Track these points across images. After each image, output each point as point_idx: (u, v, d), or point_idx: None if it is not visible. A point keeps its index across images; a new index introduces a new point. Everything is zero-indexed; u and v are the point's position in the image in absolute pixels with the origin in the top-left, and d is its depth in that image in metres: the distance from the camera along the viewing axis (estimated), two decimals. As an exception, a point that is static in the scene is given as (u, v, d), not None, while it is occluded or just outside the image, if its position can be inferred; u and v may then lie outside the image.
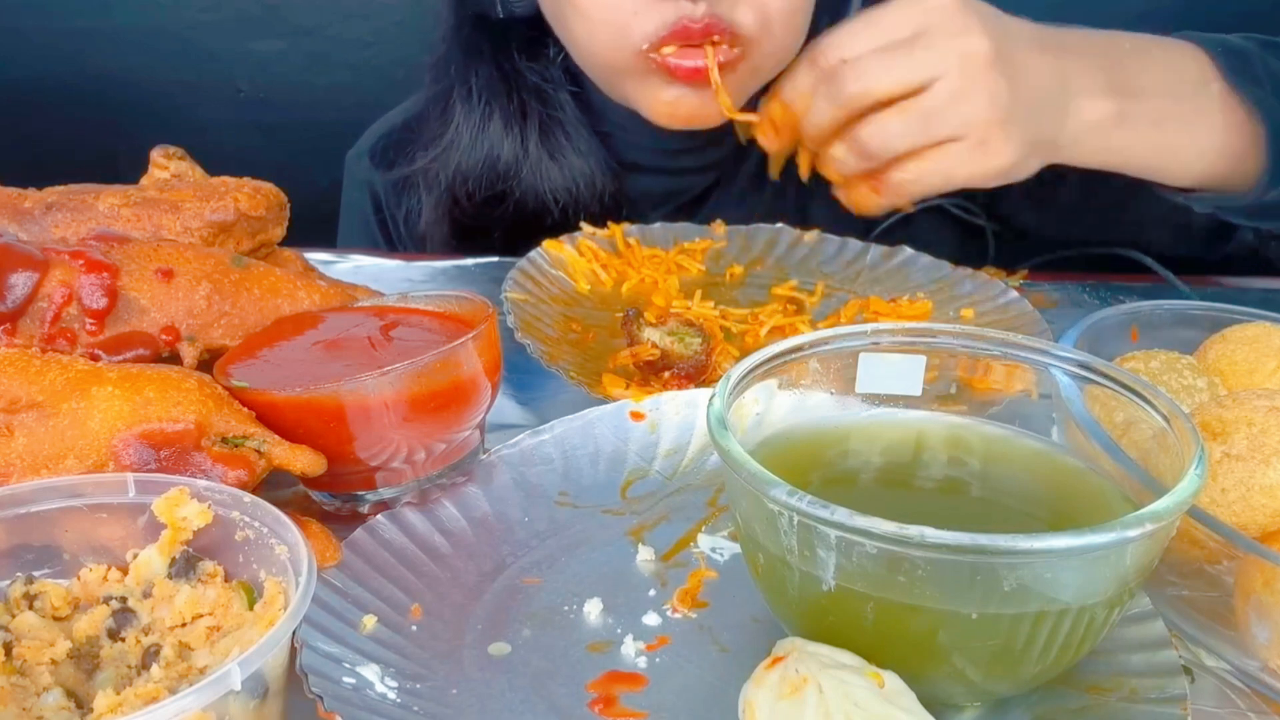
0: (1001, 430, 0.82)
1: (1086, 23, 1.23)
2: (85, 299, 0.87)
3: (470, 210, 1.46)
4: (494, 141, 1.42)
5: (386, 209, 1.60)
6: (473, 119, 1.43)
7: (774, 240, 1.36)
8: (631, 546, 0.86)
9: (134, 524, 0.74)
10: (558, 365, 1.06)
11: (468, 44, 1.45)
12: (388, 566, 0.81)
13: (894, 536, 0.62)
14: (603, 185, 1.44)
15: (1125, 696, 0.71)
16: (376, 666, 0.72)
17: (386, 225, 1.61)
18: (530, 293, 1.19)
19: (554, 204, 1.43)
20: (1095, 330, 0.95)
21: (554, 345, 1.12)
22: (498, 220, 1.46)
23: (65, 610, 0.72)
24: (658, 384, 1.04)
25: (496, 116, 1.42)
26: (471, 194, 1.45)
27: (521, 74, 1.43)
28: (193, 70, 2.38)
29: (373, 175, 1.61)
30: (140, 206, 0.97)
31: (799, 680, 0.64)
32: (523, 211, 1.44)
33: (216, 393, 0.81)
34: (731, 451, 0.69)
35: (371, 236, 1.62)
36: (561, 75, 1.44)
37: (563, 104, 1.43)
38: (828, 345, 0.82)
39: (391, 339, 0.90)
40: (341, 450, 0.83)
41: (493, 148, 1.43)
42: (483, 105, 1.43)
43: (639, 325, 1.05)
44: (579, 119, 1.44)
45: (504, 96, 1.42)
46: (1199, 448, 0.70)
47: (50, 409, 0.78)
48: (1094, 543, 0.62)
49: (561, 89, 1.44)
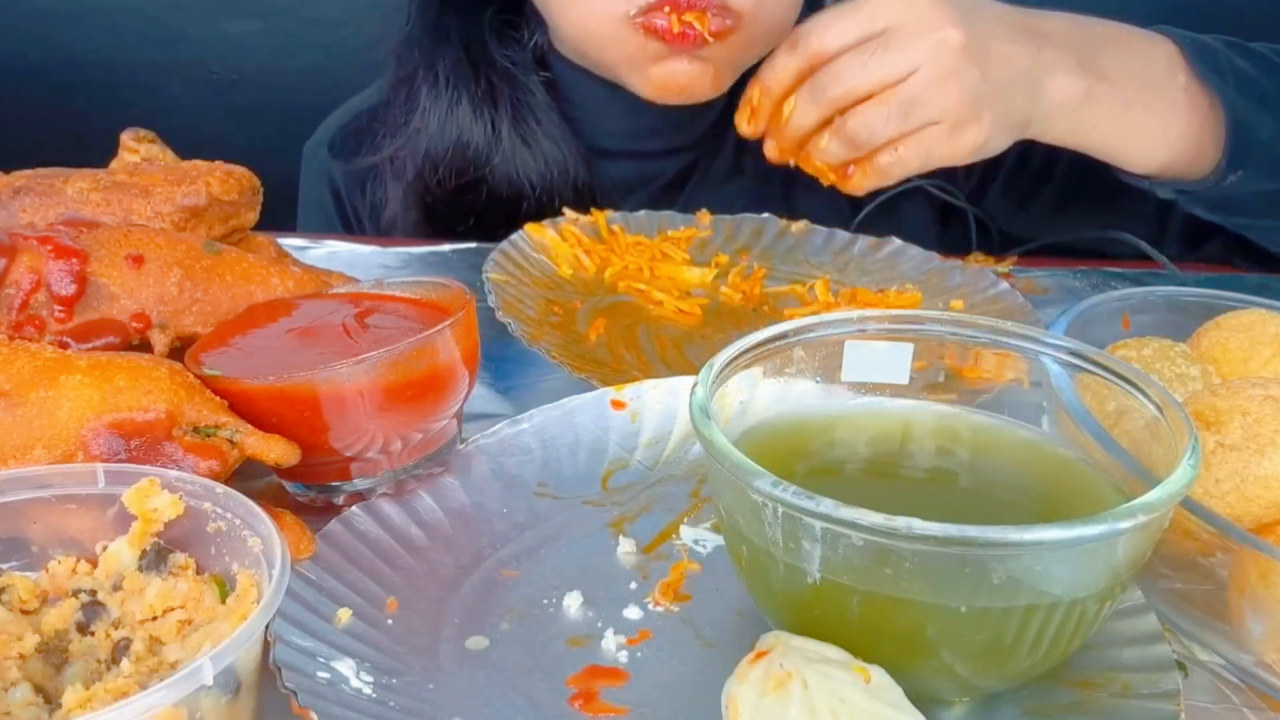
0: (991, 420, 0.81)
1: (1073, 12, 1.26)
2: (54, 285, 0.85)
3: (442, 198, 1.46)
4: (463, 127, 1.42)
5: (348, 201, 1.59)
6: (440, 105, 1.42)
7: (760, 230, 1.36)
8: (612, 538, 0.85)
9: (103, 515, 0.73)
10: (539, 345, 1.05)
11: (435, 27, 1.45)
12: (363, 559, 0.80)
13: (881, 528, 0.61)
14: (575, 172, 1.44)
15: (1117, 692, 0.70)
16: (352, 661, 0.71)
17: (348, 218, 1.60)
18: (511, 275, 1.18)
19: (530, 190, 1.42)
20: (1086, 317, 0.95)
21: (535, 326, 1.11)
22: (470, 207, 1.45)
23: (33, 604, 0.71)
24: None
25: (465, 101, 1.42)
26: (442, 181, 1.44)
27: (490, 57, 1.42)
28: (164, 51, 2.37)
29: (331, 166, 1.60)
30: (110, 191, 0.96)
31: (783, 675, 0.63)
32: (496, 199, 1.44)
33: (188, 381, 0.80)
34: (714, 441, 0.68)
35: (332, 229, 1.61)
36: (531, 59, 1.44)
37: (533, 89, 1.43)
38: (813, 333, 0.81)
39: (367, 326, 0.89)
40: (316, 440, 0.82)
41: (462, 134, 1.42)
42: (450, 90, 1.42)
43: None
44: (549, 104, 1.44)
45: (471, 81, 1.42)
46: (1192, 437, 0.69)
47: (18, 398, 0.77)
48: (1085, 534, 0.62)
49: (531, 74, 1.43)
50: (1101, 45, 1.22)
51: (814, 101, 1.14)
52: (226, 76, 2.40)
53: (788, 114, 1.16)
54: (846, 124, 1.14)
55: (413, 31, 1.47)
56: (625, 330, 1.17)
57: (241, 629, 0.61)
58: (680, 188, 1.51)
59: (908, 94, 1.12)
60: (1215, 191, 1.28)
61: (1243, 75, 1.25)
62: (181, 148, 1.06)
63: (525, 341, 1.05)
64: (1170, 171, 1.27)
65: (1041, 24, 1.20)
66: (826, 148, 1.17)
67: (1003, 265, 1.38)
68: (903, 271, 1.29)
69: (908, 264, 1.30)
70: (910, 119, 1.13)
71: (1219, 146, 1.24)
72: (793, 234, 1.35)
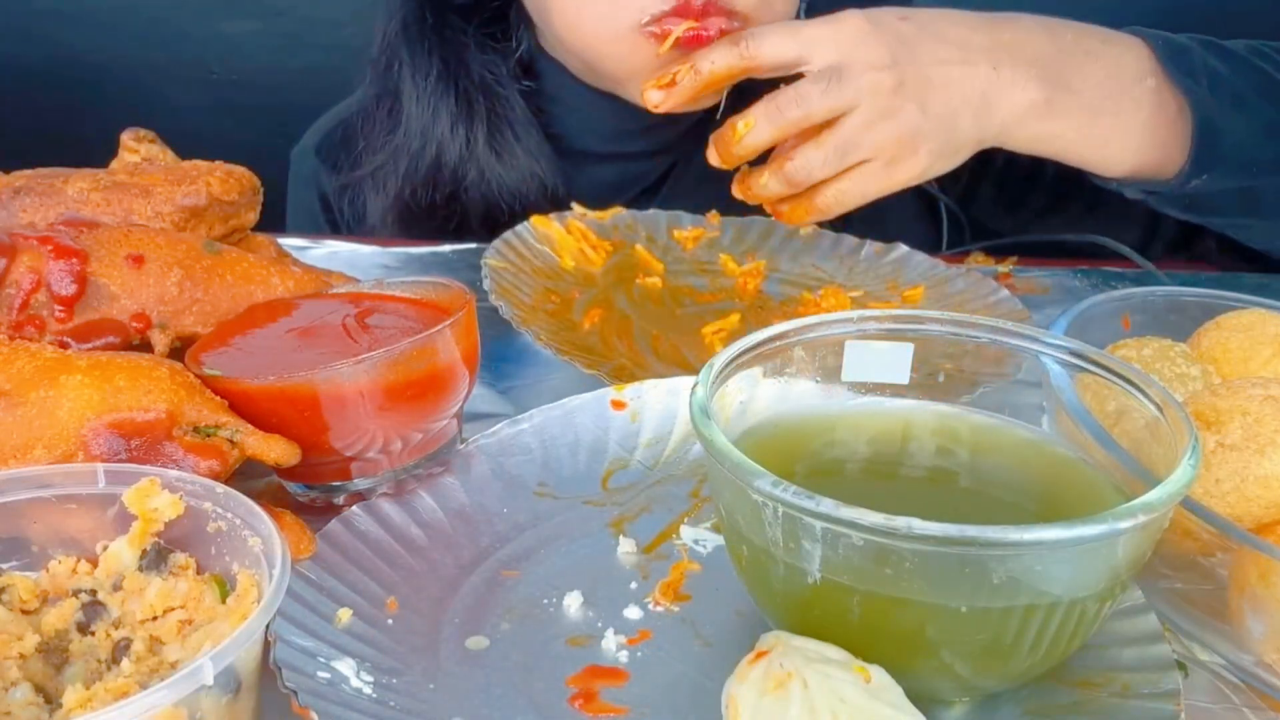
0: (990, 419, 0.81)
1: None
2: (54, 285, 0.85)
3: (419, 212, 1.45)
4: (440, 142, 1.42)
5: (335, 204, 1.58)
6: (418, 120, 1.42)
7: (769, 232, 1.35)
8: (612, 538, 0.85)
9: (104, 515, 0.73)
10: (529, 329, 1.05)
11: (417, 37, 1.44)
12: (363, 559, 0.80)
13: (881, 528, 0.61)
14: (552, 185, 1.43)
15: (1117, 691, 0.70)
16: (352, 661, 0.71)
17: (336, 223, 1.59)
18: (511, 262, 1.18)
19: (503, 205, 1.42)
20: (1086, 317, 0.95)
21: (528, 312, 1.11)
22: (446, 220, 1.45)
23: (33, 604, 0.71)
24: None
25: (443, 115, 1.41)
26: (419, 195, 1.44)
27: (469, 70, 1.42)
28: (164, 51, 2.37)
29: (320, 171, 1.60)
30: (110, 191, 0.96)
31: (783, 675, 0.63)
32: (472, 212, 1.44)
33: (188, 381, 0.80)
34: (714, 441, 0.68)
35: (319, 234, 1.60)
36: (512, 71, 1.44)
37: (512, 103, 1.43)
38: (813, 332, 0.81)
39: (367, 326, 0.89)
40: (316, 440, 0.82)
41: (440, 148, 1.42)
42: (429, 105, 1.42)
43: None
44: (528, 118, 1.43)
45: (451, 96, 1.41)
46: (1192, 437, 0.69)
47: (18, 398, 0.77)
48: (1085, 534, 0.62)
49: (511, 87, 1.43)
50: (1069, 52, 1.21)
51: (771, 122, 1.14)
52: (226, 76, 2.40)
53: (743, 132, 1.16)
54: (785, 167, 1.15)
55: (392, 43, 1.46)
56: (619, 321, 1.17)
57: (241, 629, 0.61)
58: (656, 191, 1.51)
59: (842, 137, 1.13)
60: (1183, 192, 1.26)
61: (1216, 76, 1.24)
62: (181, 148, 1.06)
63: (515, 324, 1.05)
64: (1140, 173, 1.26)
65: (1006, 32, 1.19)
66: (765, 184, 1.18)
67: (1004, 266, 1.38)
68: (907, 278, 1.28)
69: (912, 270, 1.29)
70: (845, 160, 1.14)
71: (1186, 144, 1.23)
72: (800, 237, 1.35)
